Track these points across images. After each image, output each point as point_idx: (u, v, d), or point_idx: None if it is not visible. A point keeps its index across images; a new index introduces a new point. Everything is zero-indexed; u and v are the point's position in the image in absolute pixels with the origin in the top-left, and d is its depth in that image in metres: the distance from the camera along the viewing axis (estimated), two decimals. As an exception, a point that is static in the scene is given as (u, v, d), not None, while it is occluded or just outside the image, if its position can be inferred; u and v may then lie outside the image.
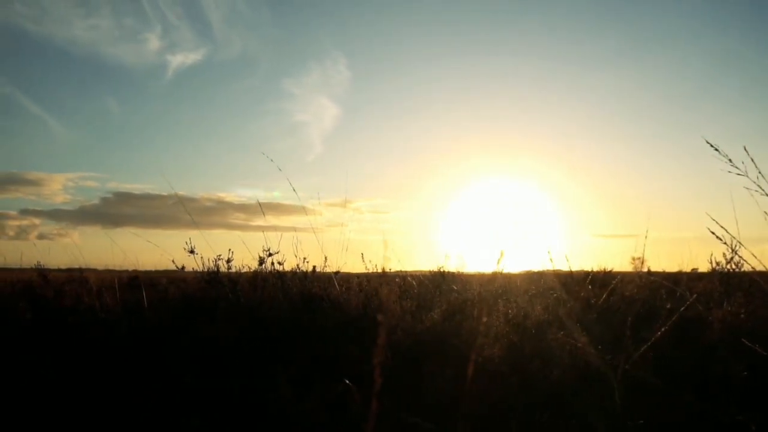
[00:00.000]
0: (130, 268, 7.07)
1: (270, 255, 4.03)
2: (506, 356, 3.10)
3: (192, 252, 3.93)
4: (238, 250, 4.77)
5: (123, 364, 3.41)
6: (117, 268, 6.78)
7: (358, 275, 4.45)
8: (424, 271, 4.92)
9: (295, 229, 4.61)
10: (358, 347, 3.34)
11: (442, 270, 3.58)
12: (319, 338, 3.38)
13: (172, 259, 3.91)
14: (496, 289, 3.69)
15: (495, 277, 4.78)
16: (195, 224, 4.32)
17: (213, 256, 4.07)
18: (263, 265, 4.04)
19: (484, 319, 3.22)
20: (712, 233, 2.64)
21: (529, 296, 4.09)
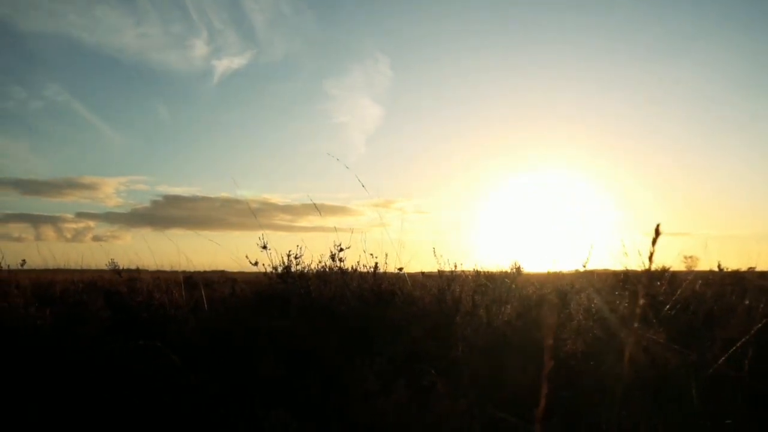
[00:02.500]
0: (180, 269, 7.25)
1: (341, 250, 4.06)
2: (588, 351, 3.04)
3: (264, 248, 3.99)
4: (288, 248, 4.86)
5: (202, 357, 3.49)
6: (168, 269, 6.98)
7: (422, 273, 4.45)
8: (477, 270, 4.88)
9: (336, 229, 4.64)
10: (434, 341, 3.33)
11: (517, 266, 3.53)
12: (395, 332, 3.38)
13: (246, 255, 4.00)
14: (566, 286, 3.63)
15: (583, 274, 4.70)
16: (260, 226, 4.39)
17: (282, 253, 4.12)
18: (333, 261, 4.07)
19: (563, 315, 3.18)
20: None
21: (597, 292, 4.01)
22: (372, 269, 4.43)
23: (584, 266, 3.07)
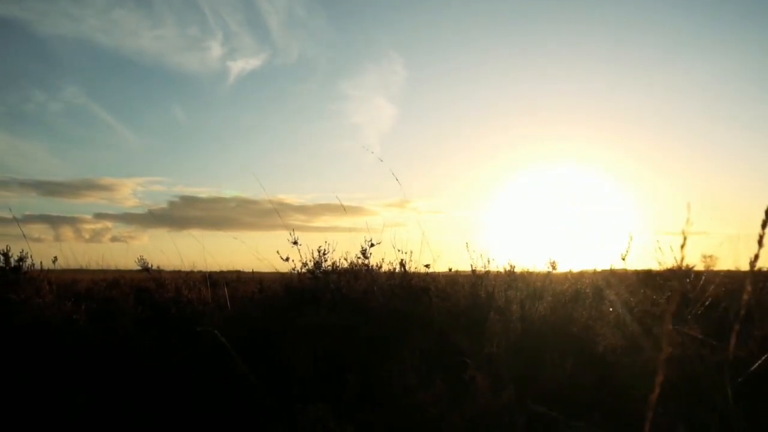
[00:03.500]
0: (196, 269, 7.29)
1: (372, 245, 4.04)
2: (626, 346, 2.99)
3: (296, 243, 3.99)
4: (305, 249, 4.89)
5: (234, 352, 3.49)
6: (186, 269, 7.03)
7: (450, 269, 4.42)
8: (512, 266, 4.82)
9: (368, 228, 4.62)
10: (468, 337, 3.31)
11: (552, 262, 3.48)
12: (428, 328, 3.36)
13: (277, 250, 4.00)
14: (600, 282, 3.59)
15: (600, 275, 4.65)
16: (285, 226, 4.38)
17: (304, 253, 4.11)
18: (364, 256, 4.06)
19: (598, 310, 3.13)
20: None
21: (629, 288, 3.96)
22: (400, 266, 4.41)
23: (623, 258, 3.03)
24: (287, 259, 4.04)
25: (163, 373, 3.20)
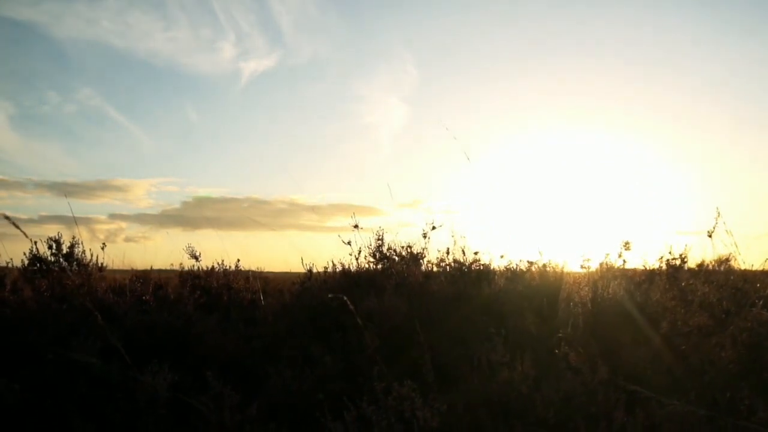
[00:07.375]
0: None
1: (434, 228, 3.99)
2: (710, 325, 2.95)
3: (356, 227, 3.96)
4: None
5: (298, 335, 3.44)
6: (204, 268, 7.00)
7: (501, 257, 4.39)
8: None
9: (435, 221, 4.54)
10: (539, 318, 3.26)
11: (626, 243, 3.40)
12: (496, 309, 3.32)
13: (338, 234, 3.97)
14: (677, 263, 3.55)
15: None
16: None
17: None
18: (425, 238, 4.01)
19: (679, 289, 3.10)
20: None
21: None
22: (447, 252, 4.37)
23: (709, 235, 2.99)
24: (349, 243, 4.00)
25: (234, 354, 3.15)
